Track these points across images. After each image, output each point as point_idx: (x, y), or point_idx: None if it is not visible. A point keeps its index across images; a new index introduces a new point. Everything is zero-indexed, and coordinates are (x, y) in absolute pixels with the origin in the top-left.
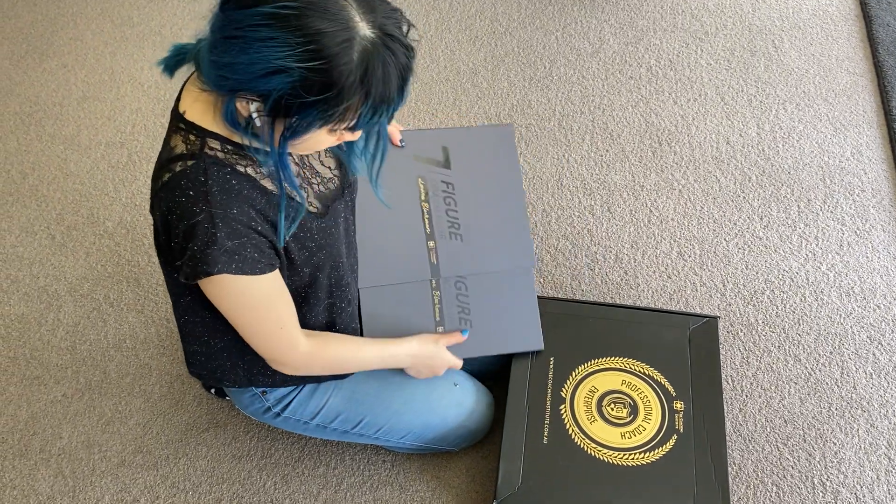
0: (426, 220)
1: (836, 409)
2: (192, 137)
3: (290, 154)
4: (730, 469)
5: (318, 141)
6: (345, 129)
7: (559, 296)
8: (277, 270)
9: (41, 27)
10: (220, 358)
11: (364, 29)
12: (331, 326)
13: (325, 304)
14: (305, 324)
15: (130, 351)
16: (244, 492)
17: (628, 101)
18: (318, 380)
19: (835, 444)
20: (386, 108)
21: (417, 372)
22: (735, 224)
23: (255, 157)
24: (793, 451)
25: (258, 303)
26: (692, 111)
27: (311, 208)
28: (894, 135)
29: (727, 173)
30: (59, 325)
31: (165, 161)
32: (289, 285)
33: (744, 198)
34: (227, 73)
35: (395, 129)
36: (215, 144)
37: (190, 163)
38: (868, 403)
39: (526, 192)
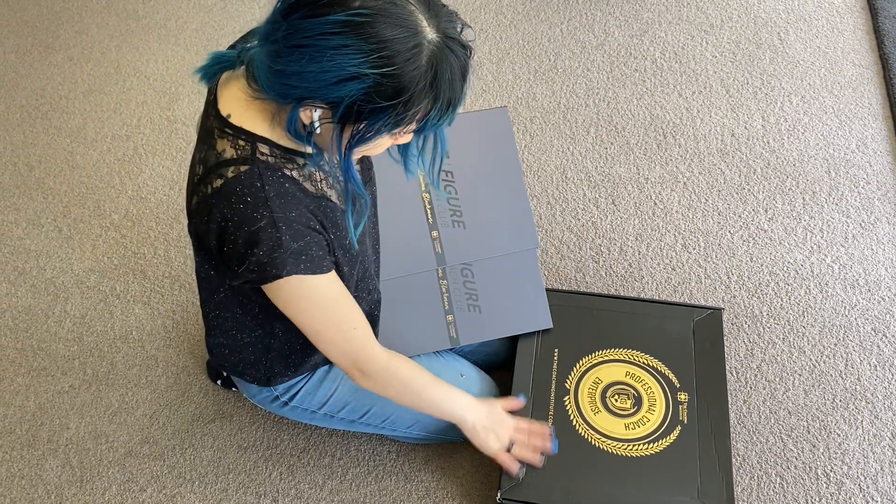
0: (428, 211)
1: (841, 401)
2: (241, 142)
3: (323, 155)
4: (734, 460)
5: (379, 144)
6: (412, 131)
7: (564, 287)
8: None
9: (47, 21)
10: (244, 352)
11: (430, 33)
12: None
13: (353, 296)
14: None
15: (137, 342)
16: (250, 482)
17: (633, 94)
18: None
19: (839, 435)
20: (452, 109)
21: (479, 434)
22: (740, 216)
23: (299, 161)
24: (797, 442)
25: (330, 301)
26: (697, 104)
27: (342, 205)
28: None
29: (732, 166)
30: (66, 316)
31: (214, 166)
32: None
33: (749, 190)
34: (296, 82)
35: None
36: (265, 149)
37: (243, 168)
38: (872, 395)
39: (524, 173)
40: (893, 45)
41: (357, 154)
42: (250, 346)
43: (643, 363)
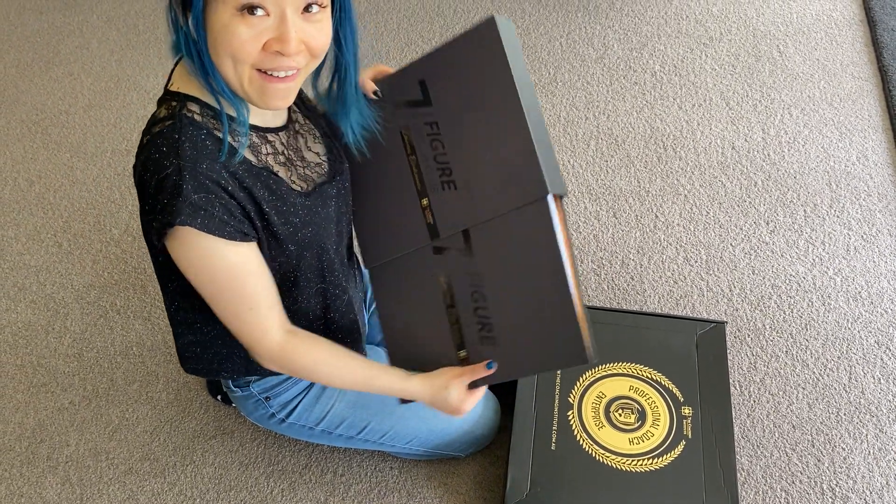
0: (415, 176)
1: (845, 415)
2: (173, 103)
3: (277, 133)
4: (738, 475)
5: (228, 32)
6: None
7: None
8: (252, 246)
9: (47, 35)
10: (214, 346)
11: None
12: (326, 313)
13: (317, 288)
14: (298, 309)
15: (137, 358)
16: (251, 499)
17: (633, 107)
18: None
19: (843, 449)
20: None
21: (433, 410)
22: (741, 229)
23: (234, 126)
24: (801, 456)
25: (224, 274)
26: (697, 116)
27: (294, 186)
28: None
29: (733, 178)
30: (66, 332)
31: (147, 127)
32: (276, 266)
33: (750, 203)
34: None
35: (367, 81)
36: (194, 107)
37: (167, 123)
38: (877, 408)
39: (534, 97)
40: (892, 57)
41: (218, 49)
42: (219, 339)
43: (647, 377)
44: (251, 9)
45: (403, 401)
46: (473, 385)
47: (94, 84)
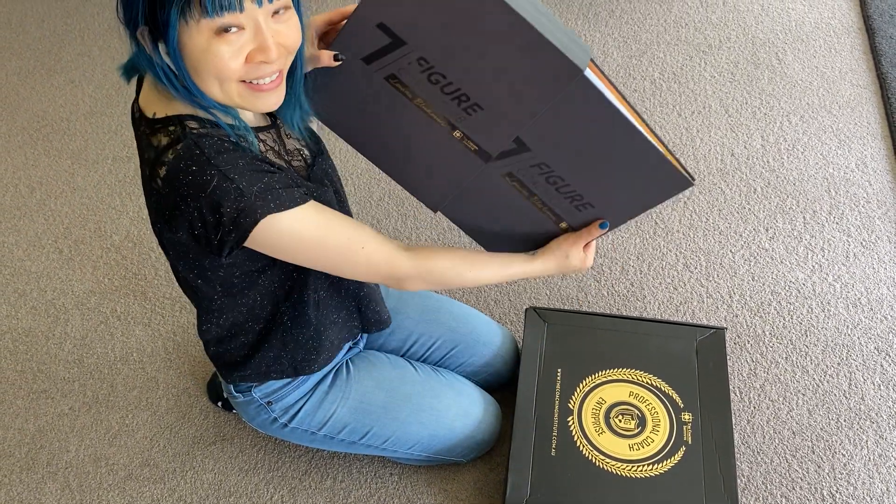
0: (434, 115)
1: (845, 421)
2: (171, 128)
3: (268, 132)
4: (739, 481)
5: (209, 54)
6: (202, 13)
7: (566, 307)
8: (319, 203)
9: (49, 43)
10: (263, 347)
11: None
12: (360, 290)
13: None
14: (336, 289)
15: (137, 364)
16: None
17: None
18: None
19: (844, 455)
20: None
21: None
22: (741, 236)
23: (233, 133)
24: (801, 462)
25: (322, 229)
26: (696, 123)
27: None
28: None
29: (732, 185)
30: (66, 338)
31: (155, 157)
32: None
33: (749, 209)
34: (126, 17)
35: (320, 53)
36: (194, 124)
37: (179, 146)
38: (877, 415)
39: None
40: (891, 65)
41: (197, 68)
42: (265, 342)
43: (647, 383)
44: (227, 28)
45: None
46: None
47: (96, 91)
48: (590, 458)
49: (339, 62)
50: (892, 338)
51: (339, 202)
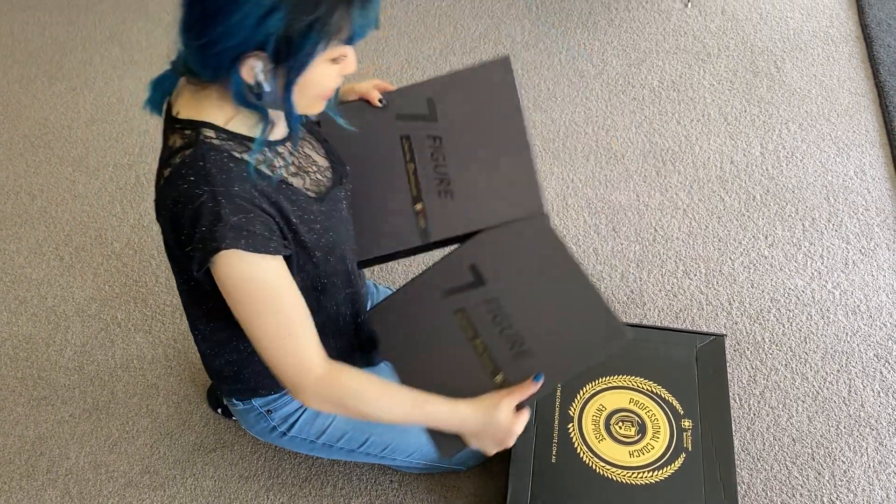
0: (412, 182)
1: (845, 428)
2: (187, 132)
3: (284, 144)
4: (739, 488)
5: (324, 78)
6: (343, 42)
7: None
8: (284, 264)
9: (51, 51)
10: (252, 363)
11: None
12: (356, 318)
13: (346, 293)
14: (328, 316)
15: (138, 371)
16: None
17: (632, 122)
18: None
19: (844, 462)
20: (369, 1)
21: (481, 443)
22: (740, 243)
23: (249, 145)
24: (802, 469)
25: (267, 293)
26: (695, 131)
27: (309, 193)
28: None
29: (731, 192)
30: (66, 345)
31: (166, 158)
32: (305, 277)
33: (748, 217)
34: (225, 43)
35: (372, 89)
36: (210, 133)
37: (188, 152)
38: (876, 422)
39: (531, 131)
40: (889, 73)
41: (302, 95)
42: (255, 356)
43: (647, 390)
44: (345, 55)
45: (443, 448)
46: (519, 406)
47: (97, 99)
48: (590, 464)
49: (381, 106)
50: (892, 345)
51: (347, 237)
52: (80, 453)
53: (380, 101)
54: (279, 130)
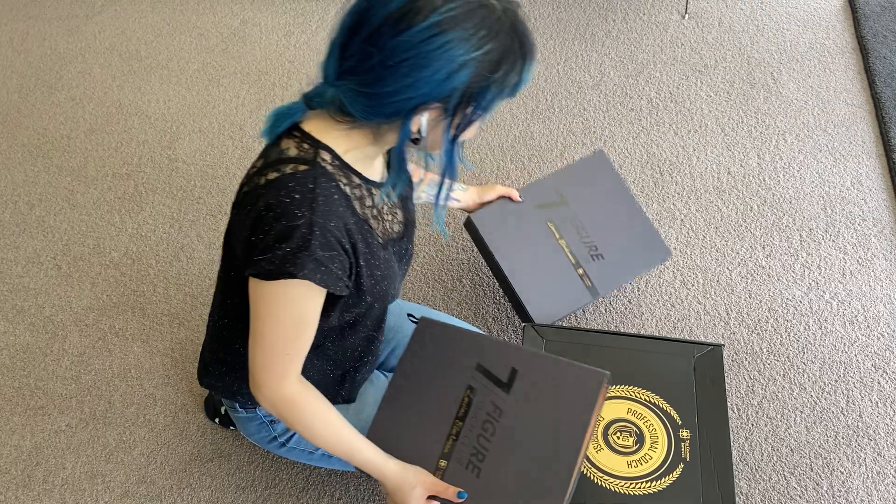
0: (568, 253)
1: (843, 438)
2: (305, 146)
3: (379, 188)
4: (737, 499)
5: (474, 128)
6: (507, 97)
7: (563, 324)
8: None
9: (50, 61)
10: (243, 370)
11: (495, 2)
12: (363, 356)
13: (367, 334)
14: (341, 345)
15: (135, 381)
16: None
17: (629, 133)
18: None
19: (842, 473)
20: (533, 59)
21: (391, 500)
22: (738, 253)
23: (354, 179)
24: (800, 480)
25: (297, 322)
26: (693, 142)
27: (379, 238)
28: (894, 165)
29: (729, 203)
30: (64, 354)
31: (275, 161)
32: (347, 315)
33: (746, 227)
34: (409, 94)
35: (512, 190)
36: (327, 157)
37: (302, 167)
38: (874, 432)
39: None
40: (885, 84)
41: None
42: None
43: (644, 400)
44: None
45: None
46: (433, 499)
47: (96, 109)
48: (588, 475)
49: (521, 201)
50: (889, 355)
51: (396, 291)
52: (76, 463)
53: (520, 197)
54: (376, 171)
